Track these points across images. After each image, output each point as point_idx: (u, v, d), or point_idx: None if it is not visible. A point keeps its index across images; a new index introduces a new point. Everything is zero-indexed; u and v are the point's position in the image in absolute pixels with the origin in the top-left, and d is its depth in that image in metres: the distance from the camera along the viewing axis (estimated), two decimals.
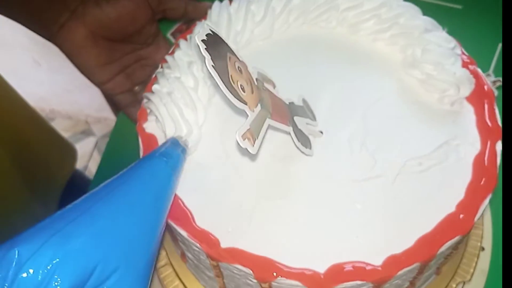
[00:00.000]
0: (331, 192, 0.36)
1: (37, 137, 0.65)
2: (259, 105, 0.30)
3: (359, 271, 0.32)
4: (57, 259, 0.21)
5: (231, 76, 0.28)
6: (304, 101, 0.38)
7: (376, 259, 0.33)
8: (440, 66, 0.39)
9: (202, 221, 0.35)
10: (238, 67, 0.30)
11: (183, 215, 0.35)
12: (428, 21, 0.41)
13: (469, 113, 0.39)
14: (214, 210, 0.36)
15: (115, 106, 0.58)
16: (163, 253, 0.48)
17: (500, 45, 0.62)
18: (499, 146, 0.37)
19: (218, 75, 0.26)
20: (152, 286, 0.47)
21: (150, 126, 0.40)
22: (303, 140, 0.35)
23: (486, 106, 0.39)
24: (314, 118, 0.39)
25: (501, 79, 0.58)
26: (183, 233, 0.35)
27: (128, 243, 0.24)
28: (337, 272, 0.33)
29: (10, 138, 0.56)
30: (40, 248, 0.21)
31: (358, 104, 0.40)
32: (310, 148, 0.36)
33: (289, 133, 0.34)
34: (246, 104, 0.28)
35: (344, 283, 0.32)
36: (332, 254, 0.33)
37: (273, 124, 0.31)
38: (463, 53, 0.42)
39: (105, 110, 0.59)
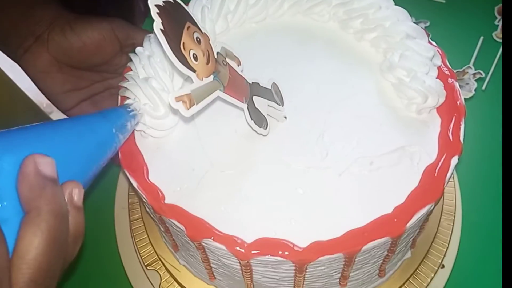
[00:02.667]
0: (279, 174, 0.38)
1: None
2: (212, 76, 0.33)
3: (281, 248, 0.34)
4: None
5: (183, 43, 0.30)
6: (274, 85, 0.40)
7: (302, 242, 0.35)
8: (412, 74, 0.39)
9: (154, 177, 0.38)
10: (197, 37, 0.32)
11: (138, 168, 0.39)
12: (413, 28, 0.41)
13: (434, 124, 0.40)
14: (168, 170, 0.39)
15: None
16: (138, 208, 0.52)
17: (481, 39, 0.64)
18: (454, 160, 0.37)
19: (166, 39, 0.28)
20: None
21: None
22: (258, 119, 0.37)
23: (453, 120, 0.39)
24: (281, 103, 0.40)
25: (481, 71, 0.62)
26: (135, 183, 0.38)
27: (66, 163, 0.29)
28: (262, 245, 0.34)
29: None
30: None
31: (329, 97, 0.42)
32: (265, 128, 0.38)
33: (242, 110, 0.35)
34: (194, 71, 0.31)
35: (266, 256, 0.34)
36: (264, 229, 0.35)
37: (223, 97, 0.34)
38: (445, 65, 0.42)
39: None
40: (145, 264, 0.49)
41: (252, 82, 0.37)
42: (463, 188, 0.52)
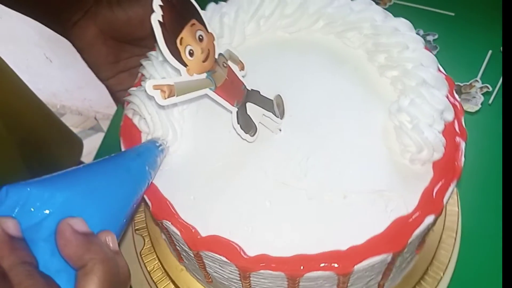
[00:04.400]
0: (255, 181, 0.39)
1: (47, 129, 0.68)
2: (205, 74, 0.35)
3: (228, 249, 0.36)
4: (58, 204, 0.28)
5: (181, 38, 0.32)
6: (278, 97, 0.41)
7: (251, 251, 0.36)
8: (415, 122, 0.38)
9: None
10: (200, 35, 0.34)
11: None
12: (434, 76, 0.40)
13: (424, 178, 0.38)
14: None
15: (116, 102, 0.59)
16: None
17: (490, 52, 0.64)
18: (428, 219, 0.36)
19: (162, 31, 0.31)
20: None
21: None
22: (246, 125, 0.38)
23: (443, 181, 0.38)
24: (280, 116, 0.41)
25: (488, 85, 0.61)
26: None
27: (104, 204, 0.31)
28: (211, 241, 0.36)
29: (20, 129, 0.59)
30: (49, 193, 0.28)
31: (331, 122, 0.42)
32: (252, 135, 0.39)
33: (231, 112, 0.37)
34: (185, 66, 0.33)
35: (210, 252, 0.36)
36: (220, 229, 0.37)
37: (212, 96, 0.35)
38: (459, 123, 0.40)
39: (115, 107, 0.64)
40: (135, 228, 0.53)
41: (251, 89, 0.39)
42: (464, 204, 0.52)
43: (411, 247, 0.38)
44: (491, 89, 0.62)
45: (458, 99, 0.42)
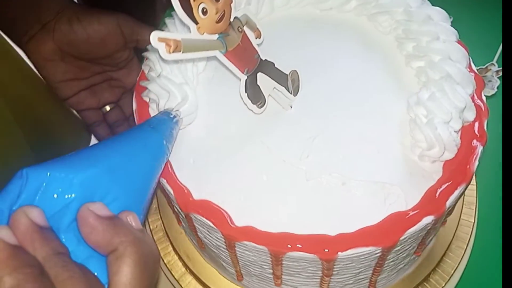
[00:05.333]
0: (256, 154, 0.38)
1: (54, 117, 0.64)
2: (217, 35, 0.34)
3: (216, 215, 0.35)
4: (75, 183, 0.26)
5: None
6: (294, 73, 0.40)
7: (239, 221, 0.35)
8: (431, 117, 0.36)
9: None
10: None
11: None
12: (460, 72, 0.37)
13: (432, 177, 0.36)
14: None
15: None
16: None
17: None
18: (426, 220, 0.34)
19: None
20: None
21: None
22: (254, 95, 0.37)
23: (450, 182, 0.36)
24: (294, 92, 0.40)
25: None
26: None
27: (126, 183, 0.30)
28: (202, 205, 0.36)
29: (28, 116, 0.57)
30: (71, 176, 0.26)
31: (345, 105, 0.40)
32: (260, 107, 0.38)
33: (240, 79, 0.36)
34: (196, 23, 0.32)
35: (198, 215, 0.36)
36: (213, 195, 0.36)
37: (221, 59, 0.34)
38: (481, 126, 0.38)
39: None
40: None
41: (265, 60, 0.38)
42: (481, 192, 0.50)
43: (406, 245, 0.37)
44: None
45: (485, 101, 0.39)
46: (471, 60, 0.40)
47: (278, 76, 0.39)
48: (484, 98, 0.39)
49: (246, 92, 0.37)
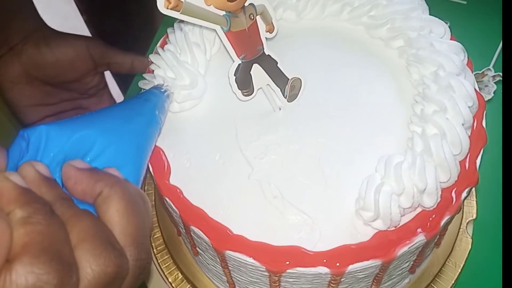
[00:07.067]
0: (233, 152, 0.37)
1: None
2: (224, 12, 0.33)
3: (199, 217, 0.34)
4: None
5: None
6: (297, 80, 0.38)
7: (215, 215, 0.34)
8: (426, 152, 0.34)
9: None
10: None
11: None
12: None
13: None
14: None
15: None
16: None
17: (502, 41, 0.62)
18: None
19: None
20: None
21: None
22: (242, 82, 0.36)
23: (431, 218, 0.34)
24: (290, 98, 0.39)
25: (501, 74, 0.60)
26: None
27: (121, 145, 0.30)
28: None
29: None
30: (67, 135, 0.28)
31: (338, 120, 0.39)
32: (246, 95, 0.37)
33: (233, 61, 0.35)
34: None
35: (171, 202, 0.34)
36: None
37: (220, 36, 0.33)
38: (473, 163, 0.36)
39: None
40: None
41: (269, 55, 0.36)
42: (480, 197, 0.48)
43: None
44: None
45: (484, 126, 0.38)
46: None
47: (277, 75, 0.37)
48: (484, 124, 0.38)
49: (234, 75, 0.35)
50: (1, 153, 0.24)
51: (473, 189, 0.49)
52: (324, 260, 0.31)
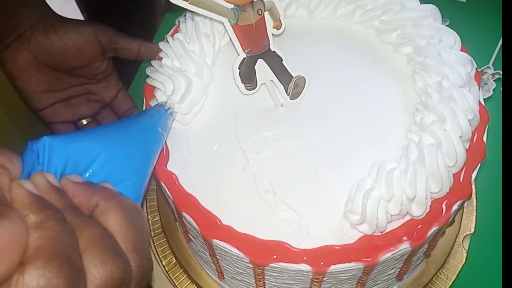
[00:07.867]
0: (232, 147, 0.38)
1: None
2: (232, 6, 0.33)
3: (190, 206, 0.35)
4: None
5: None
6: (301, 78, 0.39)
7: (207, 204, 0.35)
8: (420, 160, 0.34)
9: None
10: None
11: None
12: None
13: None
14: None
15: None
16: None
17: (502, 39, 0.62)
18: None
19: None
20: None
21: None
22: (246, 76, 0.37)
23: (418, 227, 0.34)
24: (292, 96, 0.39)
25: (500, 71, 0.60)
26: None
27: (123, 159, 0.31)
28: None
29: (24, 120, 0.57)
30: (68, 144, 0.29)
31: (343, 113, 0.39)
32: (248, 89, 0.38)
33: (238, 54, 0.36)
34: None
35: (167, 189, 0.34)
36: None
37: (227, 28, 0.34)
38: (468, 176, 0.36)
39: None
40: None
41: (274, 52, 0.37)
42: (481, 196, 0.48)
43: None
44: None
45: (485, 141, 0.37)
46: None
47: (281, 72, 0.38)
48: (485, 138, 0.37)
49: (239, 68, 0.36)
50: (18, 161, 0.25)
51: (474, 203, 0.49)
52: (305, 258, 0.32)
